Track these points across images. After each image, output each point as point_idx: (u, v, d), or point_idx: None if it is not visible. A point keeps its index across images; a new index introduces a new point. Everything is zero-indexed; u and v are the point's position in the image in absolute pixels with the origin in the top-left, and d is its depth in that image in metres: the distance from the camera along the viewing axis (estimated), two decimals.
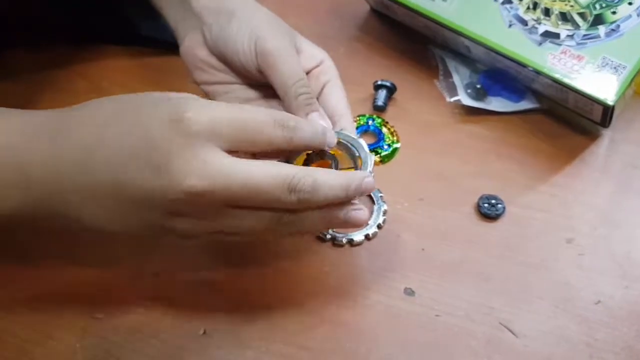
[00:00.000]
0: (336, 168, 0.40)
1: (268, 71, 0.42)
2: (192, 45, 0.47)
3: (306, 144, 0.37)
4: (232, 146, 0.34)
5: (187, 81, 0.49)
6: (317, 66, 0.45)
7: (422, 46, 0.62)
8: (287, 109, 0.42)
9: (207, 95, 0.48)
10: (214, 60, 0.47)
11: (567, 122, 0.56)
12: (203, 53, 0.47)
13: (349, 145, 0.41)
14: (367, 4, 0.67)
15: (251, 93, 0.47)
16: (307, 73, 0.44)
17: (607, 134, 0.55)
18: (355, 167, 0.41)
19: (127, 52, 0.62)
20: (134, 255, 0.45)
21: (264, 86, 0.46)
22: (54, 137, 0.35)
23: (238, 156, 0.34)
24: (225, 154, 0.33)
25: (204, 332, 0.42)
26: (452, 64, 0.59)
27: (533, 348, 0.42)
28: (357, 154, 0.41)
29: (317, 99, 0.44)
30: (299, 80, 0.42)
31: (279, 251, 0.46)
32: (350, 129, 0.43)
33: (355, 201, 0.37)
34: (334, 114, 0.43)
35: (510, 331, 0.43)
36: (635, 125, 0.56)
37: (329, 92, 0.44)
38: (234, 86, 0.47)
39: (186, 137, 0.32)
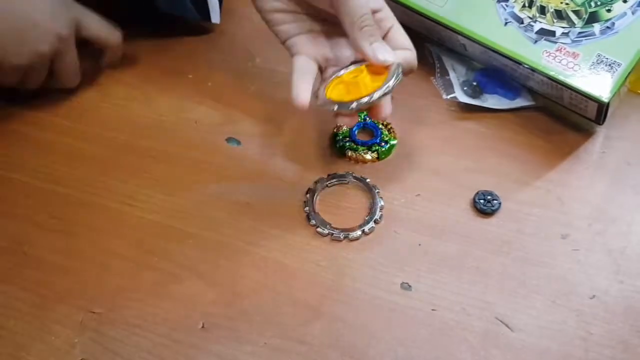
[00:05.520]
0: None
1: (339, 2, 0.45)
2: None
3: None
4: None
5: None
6: (378, 11, 0.47)
7: (419, 44, 0.62)
8: (352, 39, 0.46)
9: (268, 23, 0.49)
10: None
11: (562, 119, 0.56)
12: None
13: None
14: None
15: (314, 25, 0.49)
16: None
17: (601, 131, 0.55)
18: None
19: (144, 37, 0.63)
20: None
21: (326, 21, 0.49)
22: None
23: None
24: None
25: (203, 327, 0.42)
26: (448, 62, 0.60)
27: (529, 342, 0.42)
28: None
29: (384, 39, 0.47)
30: (365, 14, 0.45)
31: (277, 246, 0.47)
32: (412, 61, 0.48)
33: None
34: (399, 48, 0.47)
35: (507, 326, 0.43)
36: (630, 122, 0.56)
37: (396, 33, 0.48)
38: (301, 16, 0.49)
39: None
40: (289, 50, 0.50)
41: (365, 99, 0.44)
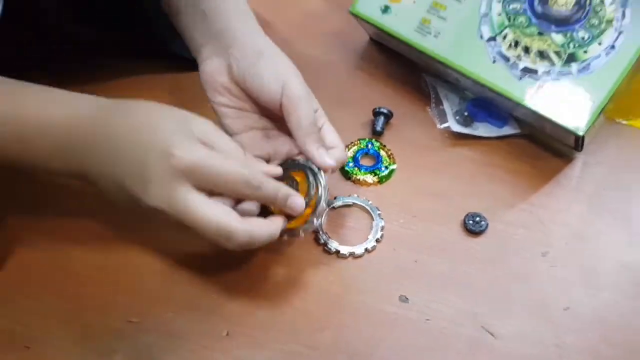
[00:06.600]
0: (295, 189, 0.49)
1: (290, 111, 0.49)
2: (214, 69, 0.53)
3: (266, 201, 0.47)
4: (200, 186, 0.43)
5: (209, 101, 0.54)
6: (315, 111, 0.52)
7: (417, 74, 0.68)
8: (300, 142, 0.50)
9: (217, 114, 0.54)
10: (234, 88, 0.53)
11: (545, 146, 0.62)
12: (225, 79, 0.53)
13: (311, 178, 0.50)
14: (366, 34, 0.73)
15: (262, 122, 0.54)
16: None
17: (580, 157, 0.61)
18: (307, 200, 0.48)
19: (152, 68, 0.67)
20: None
21: (273, 118, 0.53)
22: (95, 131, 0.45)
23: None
24: (194, 192, 0.43)
25: (227, 334, 0.48)
26: (442, 92, 0.66)
27: (510, 349, 0.48)
28: (313, 192, 0.49)
29: None
30: (312, 123, 0.50)
31: (289, 263, 0.53)
32: (343, 157, 0.52)
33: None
34: (331, 146, 0.52)
35: (491, 334, 0.49)
36: (607, 148, 0.62)
37: (327, 131, 0.53)
38: (247, 113, 0.54)
39: (168, 169, 0.42)
40: None
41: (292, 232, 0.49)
